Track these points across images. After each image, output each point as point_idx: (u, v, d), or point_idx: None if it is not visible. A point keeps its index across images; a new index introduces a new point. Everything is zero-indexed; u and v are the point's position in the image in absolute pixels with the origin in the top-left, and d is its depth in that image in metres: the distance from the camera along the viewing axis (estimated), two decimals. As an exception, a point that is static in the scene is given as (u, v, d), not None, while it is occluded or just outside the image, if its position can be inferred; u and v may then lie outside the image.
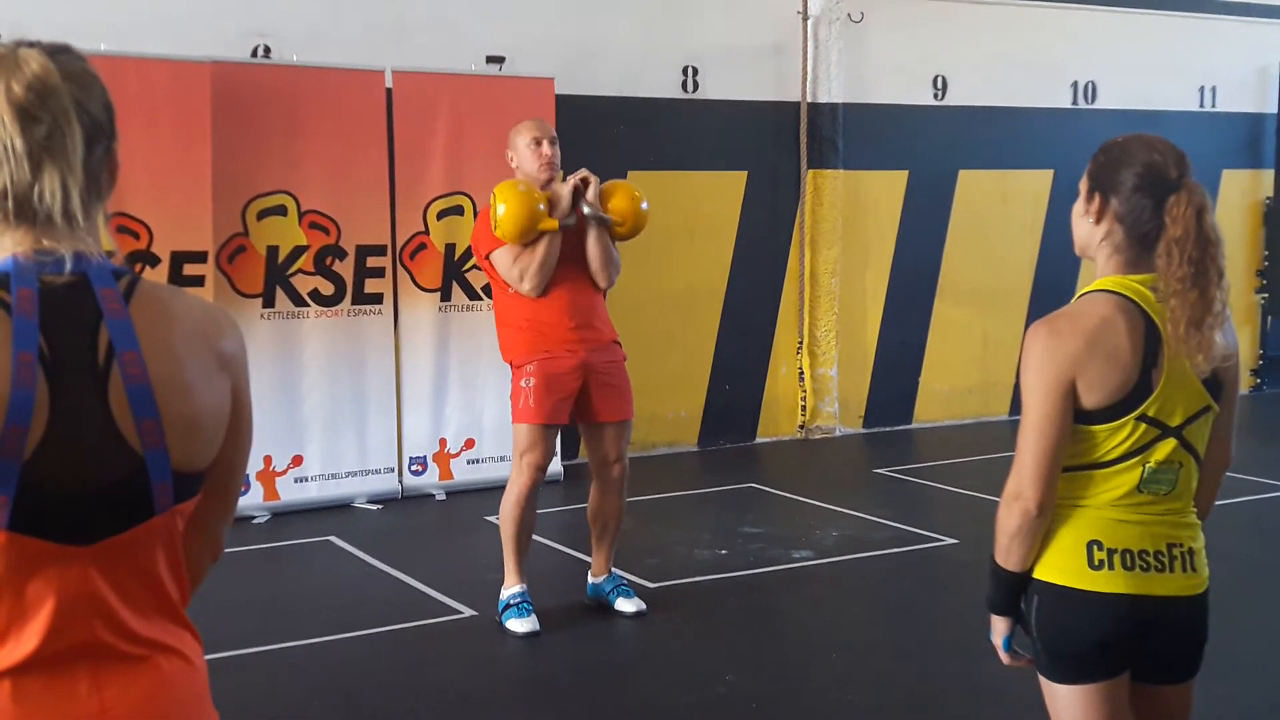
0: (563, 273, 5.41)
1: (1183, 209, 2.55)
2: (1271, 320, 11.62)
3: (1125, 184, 2.61)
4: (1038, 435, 2.58)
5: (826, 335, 9.75)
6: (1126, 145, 2.65)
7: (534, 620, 5.36)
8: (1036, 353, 2.60)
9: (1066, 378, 2.56)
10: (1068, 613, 2.61)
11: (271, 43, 7.83)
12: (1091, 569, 2.59)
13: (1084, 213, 2.68)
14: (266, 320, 7.47)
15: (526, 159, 5.48)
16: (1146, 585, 2.59)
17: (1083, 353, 2.55)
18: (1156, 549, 2.61)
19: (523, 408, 5.39)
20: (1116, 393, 2.55)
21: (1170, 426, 2.58)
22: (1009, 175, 10.39)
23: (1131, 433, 2.57)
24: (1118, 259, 2.64)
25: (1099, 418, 2.57)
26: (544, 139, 5.49)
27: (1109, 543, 2.59)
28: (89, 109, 1.68)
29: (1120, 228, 2.63)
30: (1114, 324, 2.56)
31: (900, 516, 7.32)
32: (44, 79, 1.64)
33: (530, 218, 5.25)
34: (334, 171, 7.60)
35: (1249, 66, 11.39)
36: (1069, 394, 2.56)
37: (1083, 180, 2.71)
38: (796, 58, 9.54)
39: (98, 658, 1.66)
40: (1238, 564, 6.48)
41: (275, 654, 5.26)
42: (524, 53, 8.46)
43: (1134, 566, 2.59)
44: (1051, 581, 2.62)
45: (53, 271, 1.64)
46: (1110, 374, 2.55)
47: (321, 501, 7.65)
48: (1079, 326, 2.57)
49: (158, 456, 1.65)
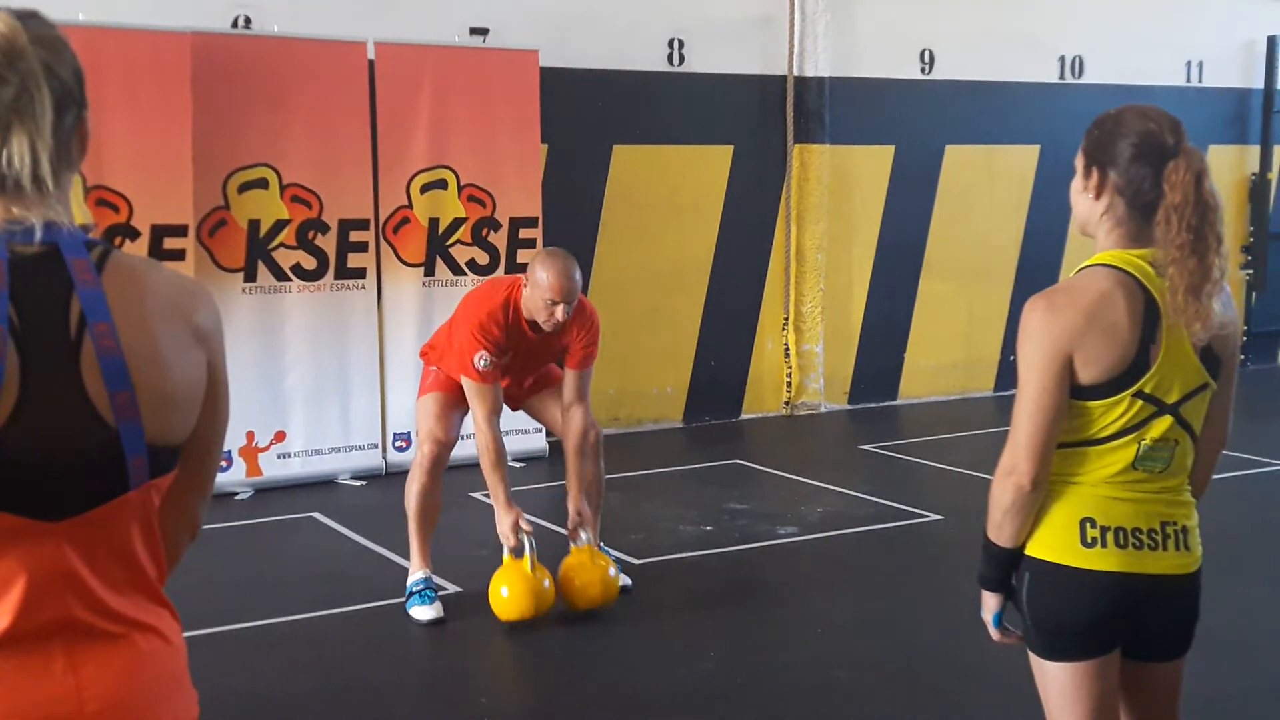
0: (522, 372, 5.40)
1: (1181, 175, 2.51)
2: (1256, 296, 11.63)
3: (1122, 155, 2.56)
4: (1033, 410, 2.54)
5: (812, 311, 9.72)
6: (1120, 116, 2.61)
7: (438, 607, 5.27)
8: (1034, 326, 2.54)
9: (1064, 352, 2.51)
10: (1059, 590, 2.59)
11: (252, 13, 7.75)
12: (1084, 546, 2.56)
13: (1083, 188, 2.64)
14: (248, 295, 7.41)
15: (537, 307, 5.04)
16: (1139, 563, 2.56)
17: (1081, 327, 2.50)
18: (1150, 527, 2.58)
19: (430, 383, 5.36)
20: (1114, 369, 2.51)
21: (1166, 403, 2.55)
22: (995, 150, 10.36)
23: (1128, 409, 2.53)
24: (1119, 233, 2.60)
25: (1095, 393, 2.53)
26: (562, 303, 5.01)
27: (1102, 520, 2.56)
28: (59, 74, 1.64)
29: (1121, 200, 2.58)
30: (1113, 299, 2.52)
31: (885, 492, 7.31)
32: (12, 39, 1.59)
33: (535, 601, 5.11)
34: (316, 144, 7.53)
35: (1236, 41, 11.37)
36: (1066, 369, 2.51)
37: (1079, 156, 2.66)
38: (783, 31, 9.48)
39: (73, 635, 1.63)
40: (1224, 541, 6.47)
41: (258, 630, 5.23)
42: (508, 24, 8.39)
43: (1127, 544, 2.56)
44: (1044, 559, 2.59)
45: (22, 241, 1.60)
46: (1108, 350, 2.51)
47: (305, 477, 7.61)
48: (1078, 301, 2.53)
49: (132, 430, 1.61)
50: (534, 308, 5.07)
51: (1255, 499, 7.31)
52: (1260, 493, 7.45)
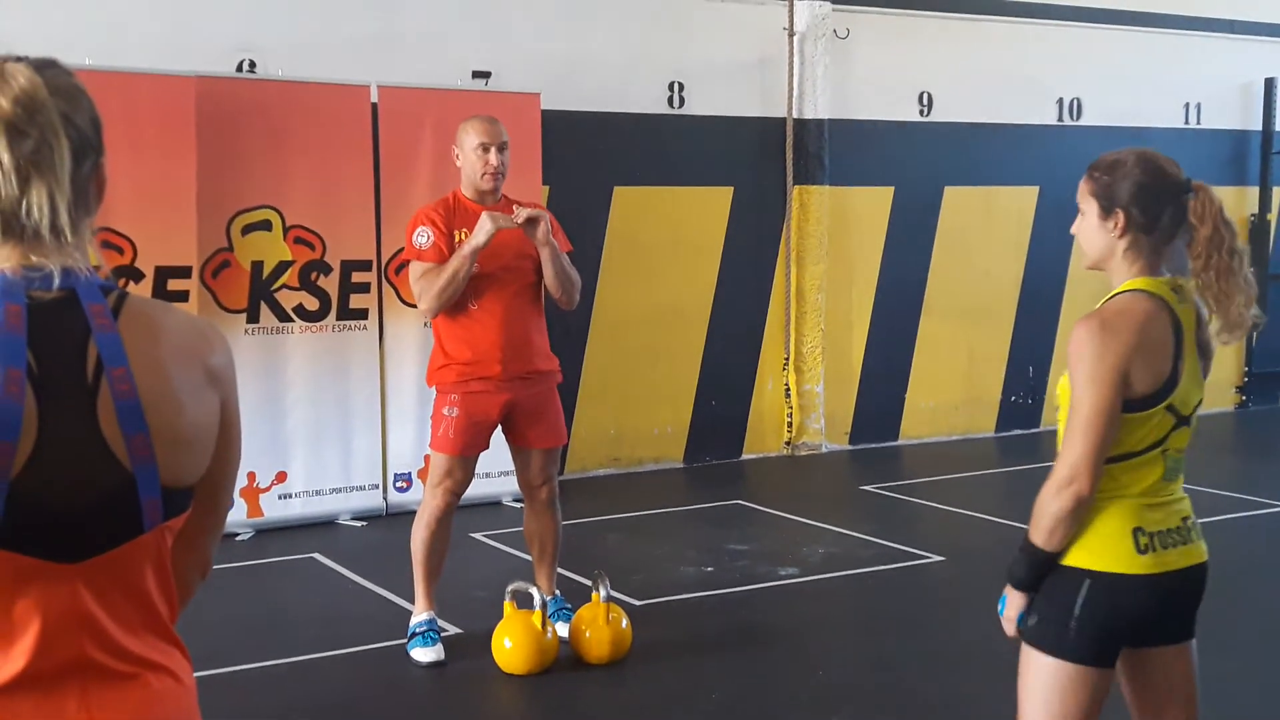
0: (497, 295, 5.18)
1: (1205, 208, 2.81)
2: (1257, 337, 11.65)
3: (1143, 197, 2.82)
4: (1094, 423, 2.73)
5: (812, 351, 9.74)
6: (1128, 162, 2.85)
7: (439, 650, 5.24)
8: (1093, 346, 2.75)
9: (1123, 369, 2.73)
10: (1119, 596, 2.79)
11: (257, 57, 7.81)
12: (1140, 554, 2.79)
13: (1102, 229, 2.86)
14: (251, 336, 7.44)
15: (470, 163, 5.22)
16: (1181, 559, 2.83)
17: (1136, 344, 2.74)
18: (1176, 525, 2.84)
19: (441, 436, 5.25)
20: (1155, 383, 2.76)
21: (1184, 415, 2.82)
22: (994, 191, 10.41)
23: (1159, 422, 2.78)
24: (1140, 264, 2.84)
25: (1138, 406, 2.76)
26: (492, 145, 5.20)
27: (1149, 527, 2.81)
28: (77, 123, 1.67)
29: (1143, 236, 2.83)
30: (1155, 319, 2.78)
31: (886, 533, 7.31)
32: (31, 94, 1.62)
33: (540, 658, 5.09)
34: (319, 186, 7.57)
35: (1233, 83, 11.45)
36: (1123, 384, 2.74)
37: (1087, 200, 2.88)
38: (783, 74, 9.55)
39: (87, 675, 1.64)
40: (1227, 581, 6.47)
41: (258, 671, 5.22)
42: (510, 68, 8.46)
43: (1169, 545, 2.82)
44: (1105, 570, 2.79)
45: (41, 287, 1.63)
46: (1155, 366, 2.76)
47: (306, 518, 7.61)
48: (1130, 321, 2.77)
49: (147, 472, 1.63)
50: (471, 171, 5.23)
51: (1257, 540, 7.30)
52: (1261, 534, 7.43)
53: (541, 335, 5.37)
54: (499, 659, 5.11)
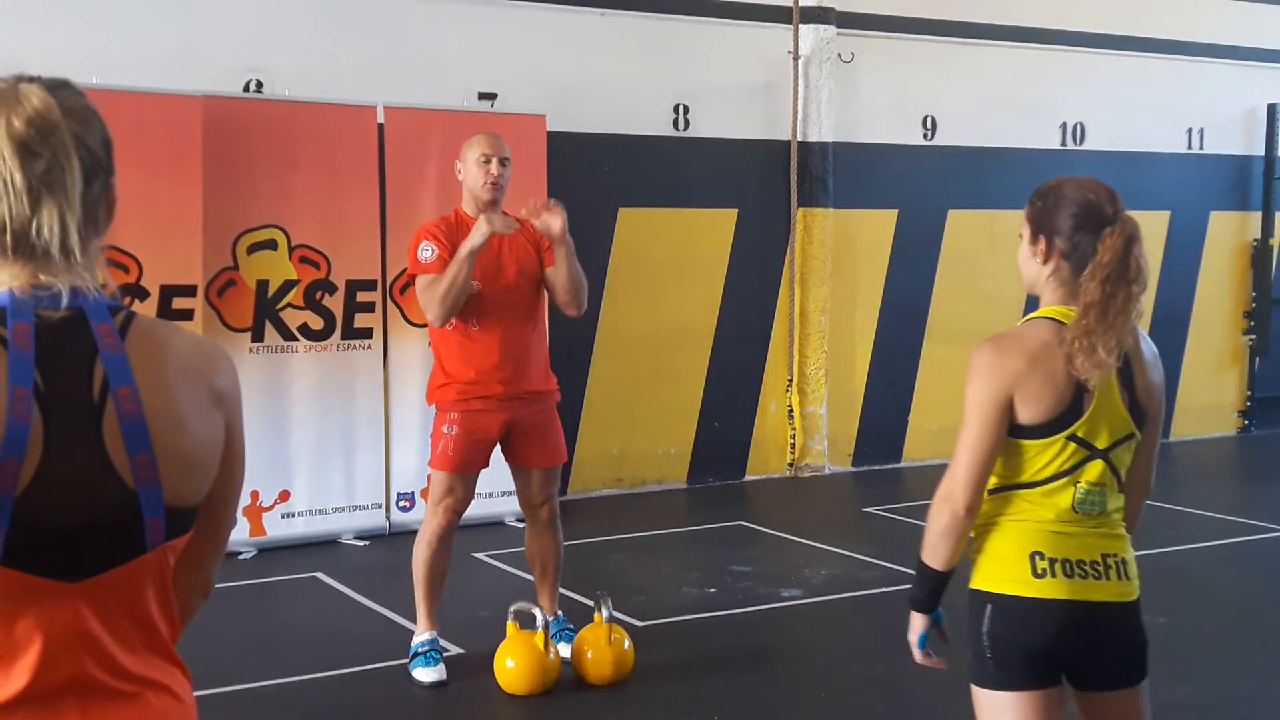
0: (498, 314, 5.19)
1: (1114, 239, 2.77)
2: (1259, 361, 11.65)
3: (1065, 225, 2.82)
4: (975, 443, 2.77)
5: (816, 373, 9.75)
6: (1062, 188, 2.87)
7: (441, 670, 5.24)
8: (981, 367, 2.80)
9: (1006, 392, 2.75)
10: (1016, 619, 2.79)
11: (263, 77, 7.84)
12: (1035, 577, 2.77)
13: (1031, 255, 2.90)
14: (255, 355, 7.45)
15: (472, 176, 5.26)
16: (1086, 591, 2.78)
17: (1024, 371, 2.75)
18: (1092, 559, 2.80)
19: (440, 454, 5.26)
20: (1049, 411, 2.75)
21: (1098, 448, 2.79)
22: (998, 215, 10.42)
23: (1061, 451, 2.77)
24: (1062, 291, 2.85)
25: (1032, 433, 2.77)
26: (494, 157, 5.26)
27: (1050, 553, 2.78)
28: (88, 144, 1.68)
29: (1066, 264, 2.84)
30: (1053, 348, 2.77)
31: (889, 555, 7.30)
32: (44, 114, 1.64)
33: (542, 679, 5.09)
34: (325, 206, 7.60)
35: (1237, 108, 11.47)
36: (1007, 408, 2.76)
37: (1023, 224, 2.92)
38: (787, 97, 9.58)
39: (88, 694, 1.65)
40: (1230, 606, 6.47)
41: (261, 691, 5.22)
42: (516, 89, 8.49)
43: (1074, 574, 2.78)
44: (1000, 592, 2.81)
45: (49, 306, 1.64)
46: (1046, 393, 2.75)
47: (308, 537, 7.61)
48: (1022, 347, 2.79)
49: (151, 492, 1.64)
50: (474, 185, 5.25)
51: (1260, 563, 7.29)
52: (1264, 557, 7.42)
53: (541, 355, 5.38)
54: (501, 679, 5.11)
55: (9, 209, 1.63)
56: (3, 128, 1.62)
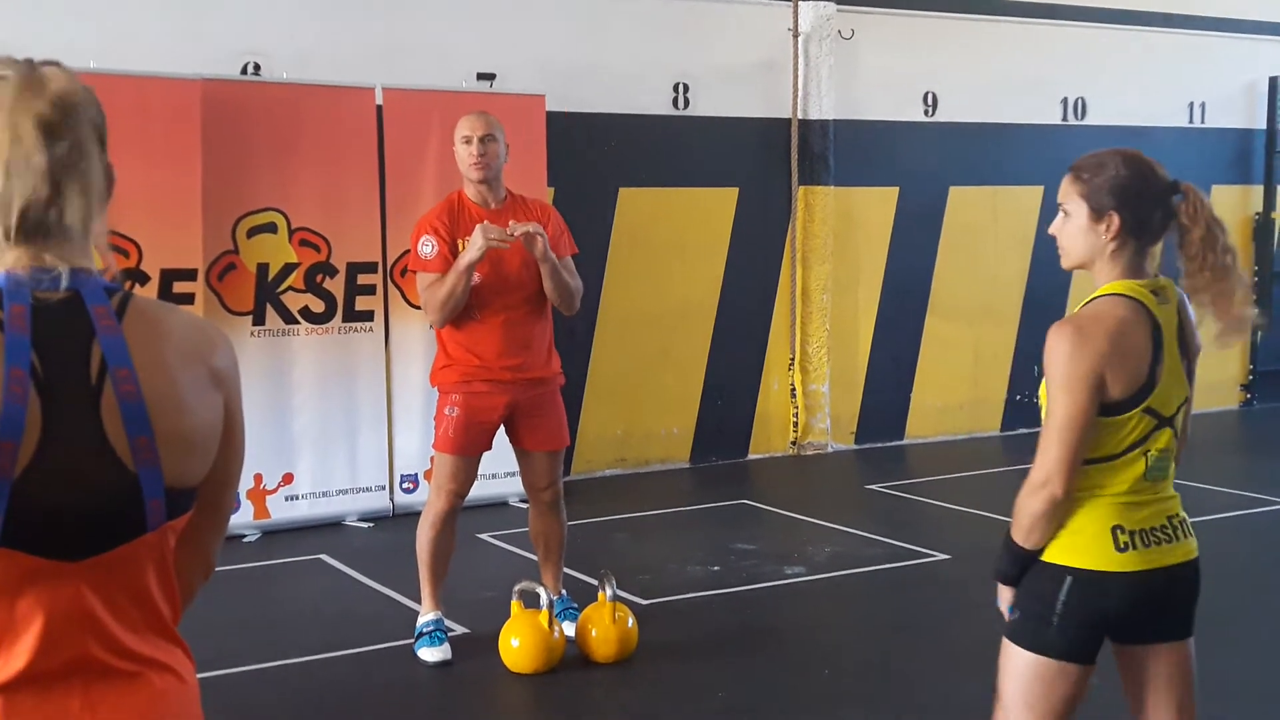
0: (501, 303, 5.18)
1: (1196, 209, 2.83)
2: (1261, 335, 11.64)
3: (1133, 198, 2.83)
4: (1067, 427, 2.78)
5: (818, 351, 9.75)
6: (1112, 163, 2.85)
7: (446, 649, 5.26)
8: (1066, 351, 2.79)
9: (1097, 374, 2.77)
10: (1098, 592, 2.84)
11: (262, 60, 7.83)
12: (1118, 551, 2.83)
13: (1094, 232, 2.86)
14: (257, 338, 7.46)
15: (460, 159, 5.26)
16: (1162, 557, 2.86)
17: (1108, 351, 2.77)
18: (1161, 524, 2.88)
19: (442, 436, 5.28)
20: (1131, 387, 2.79)
21: (1165, 417, 2.85)
22: (999, 191, 10.41)
23: (1137, 424, 2.82)
24: (1122, 265, 2.86)
25: (1115, 410, 2.80)
26: (474, 137, 5.22)
27: (1129, 525, 2.84)
28: (98, 124, 1.69)
29: (1131, 238, 2.85)
30: (1132, 324, 2.81)
31: (892, 532, 7.31)
32: (68, 96, 1.65)
33: (547, 656, 5.09)
34: (325, 189, 7.59)
35: (1238, 82, 11.44)
36: (1098, 389, 2.78)
37: (1074, 201, 2.88)
38: (787, 75, 9.56)
39: (90, 674, 1.66)
40: (1233, 578, 6.48)
41: (266, 672, 5.24)
42: (515, 70, 8.47)
43: (1150, 544, 2.85)
44: (1084, 567, 2.84)
45: (47, 288, 1.64)
46: (1131, 370, 2.79)
47: (312, 519, 7.62)
48: (1105, 327, 2.80)
49: (151, 473, 1.64)
50: (461, 166, 5.26)
51: (1262, 537, 7.30)
52: (1267, 531, 7.43)
53: (544, 342, 5.37)
54: (506, 658, 5.13)
55: (29, 191, 1.63)
56: (27, 109, 1.63)
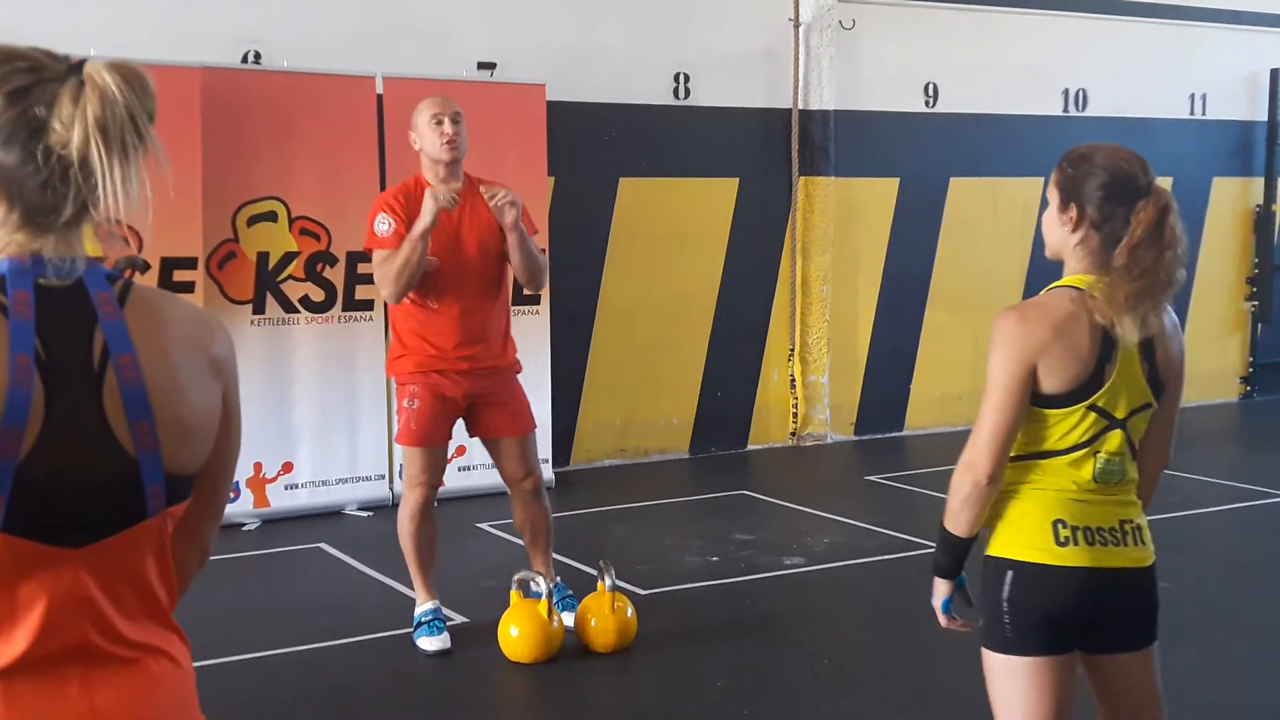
0: (458, 292, 5.14)
1: (1147, 212, 2.77)
2: (1261, 328, 11.65)
3: (1097, 194, 2.81)
4: (997, 411, 2.79)
5: (818, 342, 9.75)
6: (1094, 157, 2.85)
7: (445, 638, 5.26)
8: (1006, 335, 2.80)
9: (1030, 361, 2.76)
10: (1039, 586, 2.80)
11: (262, 48, 7.82)
12: (1058, 545, 2.80)
13: (1060, 221, 2.87)
14: (257, 327, 7.46)
15: (428, 139, 5.16)
16: (1107, 558, 2.81)
17: (1048, 340, 2.76)
18: (1111, 526, 2.83)
19: (405, 429, 5.25)
20: (1072, 381, 2.77)
21: (1116, 418, 2.81)
22: (1000, 183, 10.41)
23: (1081, 421, 2.79)
24: (1089, 260, 2.85)
25: (1054, 403, 2.78)
26: (445, 116, 5.16)
27: (1071, 521, 2.81)
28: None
29: (1095, 234, 2.83)
30: (1078, 318, 2.78)
31: (892, 523, 7.31)
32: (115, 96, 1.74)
33: (546, 646, 5.09)
34: (325, 177, 7.58)
35: (1239, 74, 11.43)
36: (1030, 377, 2.77)
37: (1052, 190, 2.90)
38: (788, 65, 9.55)
39: (88, 660, 1.66)
40: (1233, 570, 6.49)
41: (265, 660, 5.24)
42: (515, 59, 8.45)
43: (1094, 542, 2.81)
44: (1022, 559, 2.82)
45: (62, 275, 1.65)
46: (1069, 363, 2.76)
47: (312, 508, 7.63)
48: (1048, 316, 2.79)
49: (151, 459, 1.65)
50: (431, 148, 5.15)
51: (1260, 529, 7.31)
52: (1265, 523, 7.43)
53: (499, 331, 5.32)
54: (505, 648, 5.13)
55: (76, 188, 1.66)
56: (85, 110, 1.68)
